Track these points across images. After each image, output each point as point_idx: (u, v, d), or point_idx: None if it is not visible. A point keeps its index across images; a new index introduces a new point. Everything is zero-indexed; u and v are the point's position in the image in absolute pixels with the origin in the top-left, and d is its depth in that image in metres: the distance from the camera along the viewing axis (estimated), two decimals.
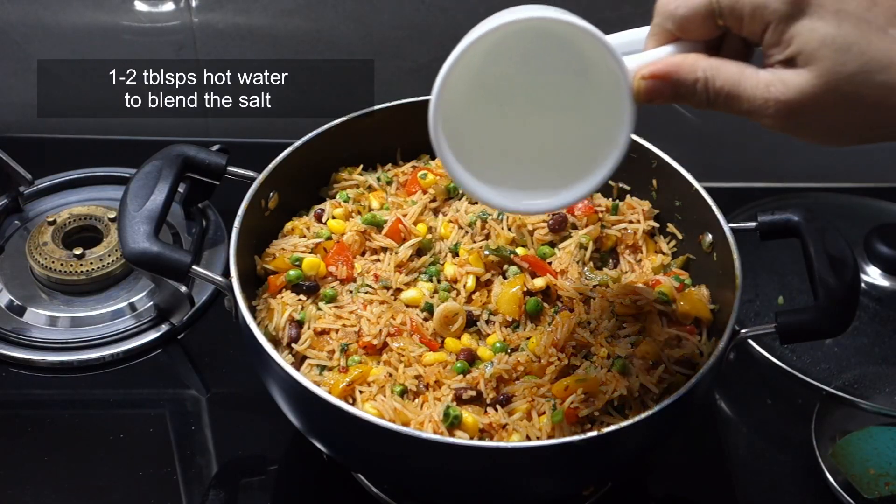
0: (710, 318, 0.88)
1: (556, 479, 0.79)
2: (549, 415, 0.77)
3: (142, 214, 0.82)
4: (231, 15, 1.28)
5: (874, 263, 1.16)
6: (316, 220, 0.95)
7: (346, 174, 1.00)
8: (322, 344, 0.84)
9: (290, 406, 0.81)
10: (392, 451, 0.75)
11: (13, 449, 0.96)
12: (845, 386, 1.03)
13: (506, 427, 0.78)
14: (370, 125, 0.98)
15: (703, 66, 0.61)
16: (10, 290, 1.11)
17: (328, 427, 0.79)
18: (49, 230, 1.13)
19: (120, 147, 1.32)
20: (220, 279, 0.82)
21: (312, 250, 0.91)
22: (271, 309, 0.86)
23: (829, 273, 0.82)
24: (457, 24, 1.29)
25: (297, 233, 0.93)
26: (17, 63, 1.31)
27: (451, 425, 0.76)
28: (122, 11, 1.27)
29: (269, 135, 1.33)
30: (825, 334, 0.83)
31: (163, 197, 0.83)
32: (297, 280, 0.87)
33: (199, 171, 0.90)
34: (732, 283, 0.84)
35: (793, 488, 0.99)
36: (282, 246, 0.91)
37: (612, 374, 0.80)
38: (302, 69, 1.35)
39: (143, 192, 0.83)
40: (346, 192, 0.97)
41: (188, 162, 0.88)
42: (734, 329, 0.80)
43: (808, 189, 1.34)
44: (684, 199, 0.95)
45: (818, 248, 0.84)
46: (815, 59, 0.58)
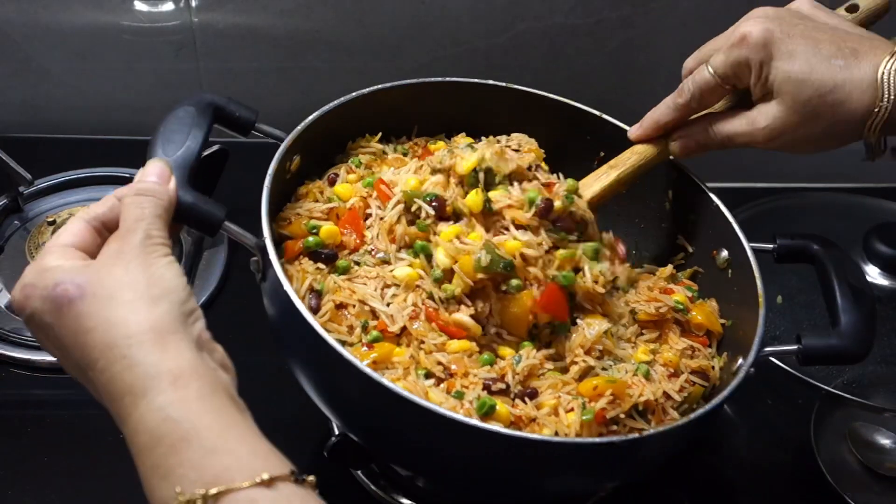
0: (720, 331, 0.89)
1: (584, 476, 0.79)
2: (578, 413, 0.77)
3: (175, 161, 0.74)
4: (231, 15, 1.28)
5: (873, 263, 1.16)
6: (329, 184, 0.92)
7: (363, 142, 0.98)
8: (340, 318, 0.81)
9: (317, 377, 0.79)
10: (424, 431, 0.72)
11: (13, 449, 0.96)
12: (845, 386, 1.03)
13: (535, 421, 0.77)
14: (392, 99, 0.96)
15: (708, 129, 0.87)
16: (10, 290, 1.10)
17: (357, 401, 0.76)
18: (49, 230, 1.13)
19: (120, 147, 1.32)
20: (251, 238, 0.78)
21: (327, 216, 0.88)
22: (289, 275, 0.81)
23: (852, 302, 0.84)
24: (457, 23, 1.30)
25: (311, 197, 0.91)
26: (17, 63, 1.31)
27: (485, 414, 0.75)
28: (122, 11, 1.28)
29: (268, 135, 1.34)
30: (850, 360, 0.85)
31: (197, 144, 0.77)
32: (316, 247, 0.84)
33: (229, 122, 0.86)
34: (750, 302, 0.84)
35: (793, 488, 1.00)
36: (297, 210, 0.88)
37: (637, 378, 0.80)
38: (302, 69, 1.35)
39: (177, 136, 0.77)
40: (359, 158, 0.95)
41: (218, 112, 0.84)
42: (759, 348, 0.81)
43: (807, 189, 1.34)
44: (700, 213, 0.94)
45: (839, 277, 0.86)
46: (781, 92, 0.79)
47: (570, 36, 1.32)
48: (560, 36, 1.32)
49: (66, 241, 0.65)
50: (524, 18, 1.30)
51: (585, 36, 1.33)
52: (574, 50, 1.34)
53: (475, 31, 1.32)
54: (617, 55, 1.34)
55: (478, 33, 1.32)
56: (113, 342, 0.59)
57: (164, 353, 0.59)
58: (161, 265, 0.64)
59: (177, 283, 0.63)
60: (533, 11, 1.29)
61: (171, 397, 0.57)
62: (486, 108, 1.00)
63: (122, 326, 0.59)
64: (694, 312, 0.89)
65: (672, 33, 1.32)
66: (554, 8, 1.29)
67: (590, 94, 1.03)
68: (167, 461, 0.55)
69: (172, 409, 0.56)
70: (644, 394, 0.79)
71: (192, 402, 0.57)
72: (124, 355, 0.58)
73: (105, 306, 0.60)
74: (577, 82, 1.36)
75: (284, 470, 0.56)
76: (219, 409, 0.58)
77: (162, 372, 0.58)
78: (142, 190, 0.69)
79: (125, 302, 0.60)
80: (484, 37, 1.32)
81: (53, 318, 0.61)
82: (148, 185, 0.69)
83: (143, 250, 0.64)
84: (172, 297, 0.62)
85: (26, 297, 0.63)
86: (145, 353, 0.58)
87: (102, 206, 0.68)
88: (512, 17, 1.31)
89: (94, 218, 0.67)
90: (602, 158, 1.01)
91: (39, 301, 0.62)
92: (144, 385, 0.57)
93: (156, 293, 0.61)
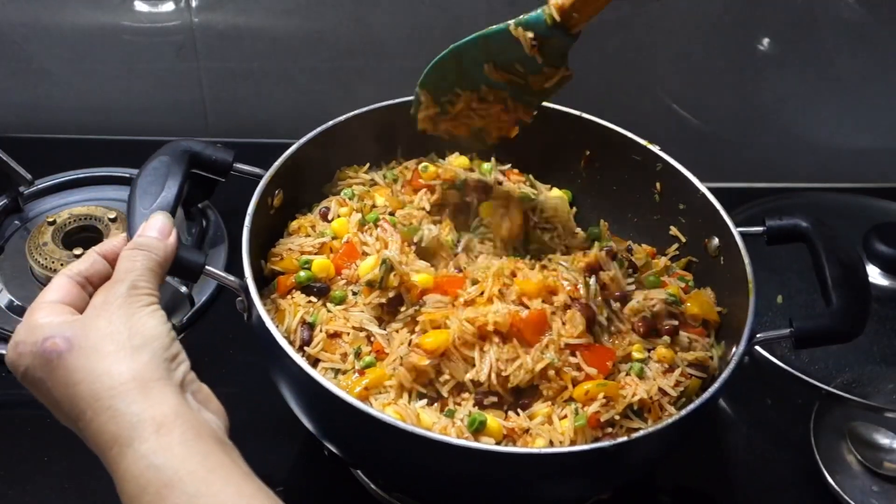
0: (717, 320, 0.89)
1: (580, 483, 0.79)
2: (572, 419, 0.77)
3: (152, 212, 0.78)
4: (231, 15, 1.28)
5: (873, 263, 1.16)
6: (321, 218, 0.94)
7: (351, 172, 0.99)
8: (334, 347, 0.83)
9: (308, 409, 0.80)
10: (416, 455, 0.73)
11: (13, 449, 0.96)
12: (844, 385, 1.03)
13: (528, 431, 0.77)
14: (373, 122, 0.98)
15: None
16: (10, 290, 1.11)
17: (348, 431, 0.78)
18: (49, 230, 1.13)
19: (120, 147, 1.32)
20: (233, 279, 0.81)
21: (319, 250, 0.90)
22: (281, 310, 0.85)
23: (842, 278, 0.83)
24: (457, 23, 1.30)
25: (303, 231, 0.92)
26: (17, 63, 1.32)
27: (476, 430, 0.75)
28: (122, 11, 1.28)
29: (268, 135, 1.34)
30: (842, 339, 0.83)
31: (173, 193, 0.80)
32: (308, 282, 0.86)
33: (206, 167, 0.88)
34: (743, 288, 0.84)
35: (792, 488, 0.99)
36: (288, 246, 0.90)
37: (630, 378, 0.80)
38: (302, 69, 1.35)
39: (153, 188, 0.80)
40: (352, 189, 0.97)
41: (194, 158, 0.86)
42: (750, 334, 0.80)
43: (807, 189, 1.34)
44: (689, 203, 0.95)
45: (829, 254, 0.85)
46: None
47: None
48: None
49: (53, 297, 0.67)
50: None
51: (585, 36, 1.32)
52: (574, 50, 1.34)
53: (475, 31, 1.31)
54: (616, 56, 1.34)
55: None
56: (98, 394, 0.61)
57: (146, 401, 0.60)
58: (144, 314, 0.65)
59: (159, 330, 0.65)
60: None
61: (155, 445, 0.58)
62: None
63: (106, 377, 0.61)
64: (689, 304, 0.88)
65: (672, 33, 1.32)
66: None
67: (589, 95, 1.03)
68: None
69: (155, 457, 0.58)
70: (637, 393, 0.79)
71: (176, 447, 0.58)
72: (108, 406, 0.60)
73: (89, 358, 0.62)
74: (575, 82, 1.36)
75: None
76: (203, 453, 0.59)
77: (145, 420, 0.59)
78: (137, 244, 0.71)
79: (108, 353, 0.62)
80: None
81: (44, 373, 0.63)
82: (144, 240, 0.72)
83: (126, 301, 0.65)
84: (154, 345, 0.63)
85: (19, 354, 0.65)
86: (128, 402, 0.60)
87: (84, 263, 0.71)
88: (512, 18, 1.30)
89: (77, 273, 0.69)
90: (589, 157, 1.03)
91: (30, 357, 0.64)
92: (129, 434, 0.59)
93: (137, 343, 0.63)
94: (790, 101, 1.36)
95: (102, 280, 0.70)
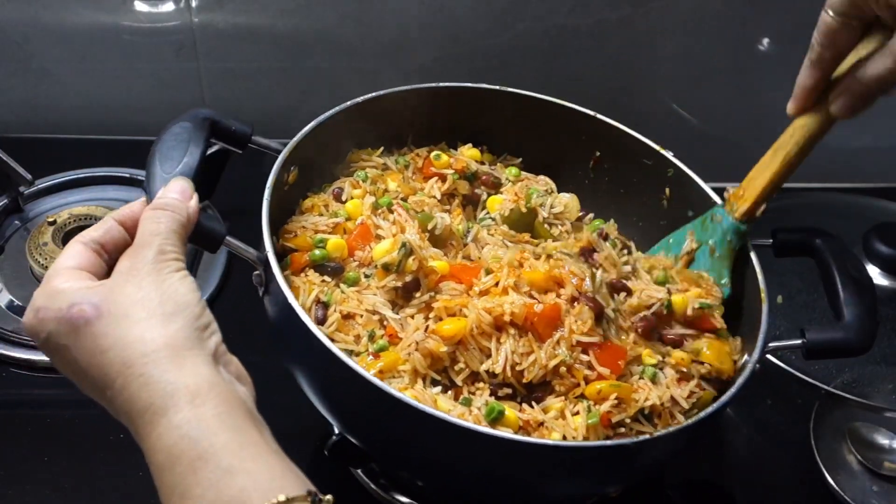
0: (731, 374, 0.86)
1: (592, 479, 0.79)
2: (584, 415, 0.77)
3: (173, 177, 0.73)
4: (231, 15, 1.28)
5: (873, 263, 1.16)
6: (335, 198, 0.93)
7: (364, 154, 0.98)
8: (348, 328, 0.82)
9: (323, 389, 0.79)
10: (434, 440, 0.72)
11: (13, 449, 0.96)
12: (844, 385, 1.03)
13: (543, 425, 0.77)
14: (387, 106, 0.96)
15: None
16: (10, 290, 1.11)
17: (365, 412, 0.76)
18: (49, 230, 1.13)
19: (120, 147, 1.32)
20: (253, 252, 0.79)
21: (333, 230, 0.89)
22: (295, 287, 0.83)
23: (854, 294, 0.84)
24: (457, 23, 1.30)
25: (317, 210, 0.92)
26: (17, 63, 1.32)
27: (494, 420, 0.75)
28: (122, 11, 1.28)
29: (268, 135, 1.33)
30: (853, 353, 0.84)
31: (196, 159, 0.76)
32: (322, 260, 0.85)
33: (225, 137, 0.86)
34: (753, 297, 0.85)
35: (792, 488, 1.00)
36: (302, 224, 0.89)
37: (644, 382, 0.80)
38: (302, 69, 1.35)
39: (174, 153, 0.76)
40: (365, 172, 0.96)
41: (214, 126, 0.84)
42: (763, 344, 0.81)
43: (807, 189, 1.34)
44: (698, 211, 0.94)
45: (841, 269, 0.85)
46: None
47: (570, 36, 1.32)
48: (560, 36, 1.32)
49: (71, 263, 0.65)
50: (524, 18, 1.30)
51: (585, 36, 1.33)
52: (574, 50, 1.34)
53: (475, 31, 1.32)
54: (617, 55, 1.34)
55: (478, 33, 1.32)
56: (129, 361, 0.58)
57: (180, 370, 0.58)
58: (174, 280, 0.63)
59: (190, 297, 0.62)
60: (533, 11, 1.29)
61: (189, 415, 0.56)
62: (481, 111, 1.01)
63: (138, 344, 0.59)
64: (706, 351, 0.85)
65: (672, 34, 1.32)
66: (554, 8, 1.29)
67: (589, 95, 1.03)
68: (185, 480, 0.55)
69: (190, 428, 0.56)
70: (650, 398, 0.79)
71: (210, 419, 0.57)
72: (141, 373, 0.58)
73: (120, 325, 0.60)
74: (577, 82, 1.36)
75: (301, 490, 0.56)
76: (236, 427, 0.57)
77: (180, 389, 0.57)
78: (160, 205, 0.68)
79: (139, 320, 0.60)
80: (484, 37, 1.32)
81: (70, 340, 0.61)
82: (167, 201, 0.69)
83: (156, 266, 0.63)
84: (187, 313, 0.61)
85: (40, 320, 0.62)
86: (162, 370, 0.58)
87: (99, 229, 0.68)
88: (512, 18, 1.30)
89: (91, 240, 0.67)
90: (598, 159, 1.02)
91: (54, 323, 0.61)
92: (163, 403, 0.57)
93: (169, 310, 0.61)
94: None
95: (118, 247, 0.67)
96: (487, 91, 1.00)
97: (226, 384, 0.60)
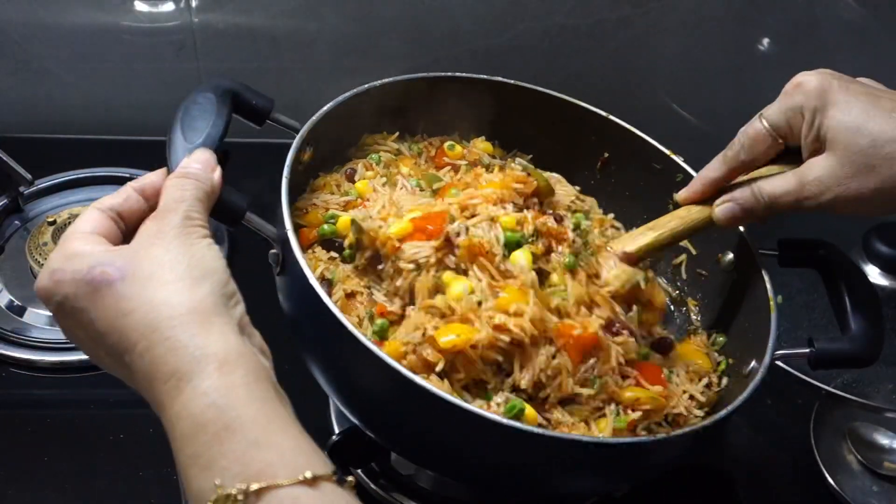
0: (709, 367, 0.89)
1: (608, 476, 0.78)
2: (611, 419, 0.76)
3: (196, 147, 0.71)
4: (231, 15, 1.28)
5: (873, 262, 1.16)
6: (347, 179, 0.92)
7: (380, 138, 0.98)
8: (351, 308, 0.81)
9: (339, 372, 0.76)
10: (452, 430, 0.71)
11: (13, 449, 0.96)
12: (845, 385, 1.03)
13: (563, 425, 0.76)
14: (401, 93, 0.96)
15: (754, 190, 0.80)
16: (10, 290, 1.11)
17: (381, 397, 0.74)
18: (49, 230, 1.13)
19: (120, 147, 1.32)
20: (272, 229, 0.77)
21: (344, 208, 0.88)
22: None
23: (862, 308, 0.84)
24: (457, 23, 1.30)
25: (328, 189, 0.91)
26: (17, 63, 1.32)
27: (514, 417, 0.73)
28: (122, 11, 1.28)
29: (268, 135, 1.33)
30: (860, 364, 0.84)
31: (219, 131, 0.74)
32: (332, 236, 0.84)
33: (246, 111, 0.84)
34: (759, 305, 0.85)
35: (792, 488, 1.00)
36: (313, 201, 0.89)
37: (675, 388, 0.81)
38: (302, 69, 1.35)
39: (198, 123, 0.74)
40: (379, 155, 0.95)
41: (236, 99, 0.82)
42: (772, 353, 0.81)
43: None
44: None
45: (847, 283, 0.85)
46: (834, 143, 0.74)
47: (570, 36, 1.32)
48: (560, 36, 1.32)
49: (87, 228, 0.63)
50: (524, 18, 1.30)
51: (585, 36, 1.33)
52: (574, 50, 1.34)
53: (475, 31, 1.32)
54: (617, 55, 1.34)
55: (478, 33, 1.32)
56: (155, 323, 0.56)
57: (208, 335, 0.56)
58: (202, 246, 0.61)
59: (217, 264, 0.61)
60: (533, 11, 1.29)
61: (217, 383, 0.54)
62: (495, 104, 1.00)
63: (165, 307, 0.57)
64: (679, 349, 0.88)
65: (672, 33, 1.32)
66: (554, 8, 1.29)
67: (589, 95, 1.03)
68: (209, 451, 0.53)
69: (218, 396, 0.54)
70: (678, 407, 0.80)
71: (238, 388, 0.55)
72: (167, 337, 0.56)
73: (145, 287, 0.58)
74: (577, 82, 1.36)
75: (327, 470, 0.54)
76: (263, 399, 0.56)
77: (208, 355, 0.55)
78: (184, 174, 0.67)
79: (166, 282, 0.58)
80: (484, 37, 1.32)
81: (88, 303, 0.58)
82: (191, 170, 0.67)
83: (183, 230, 0.61)
84: (214, 279, 0.60)
85: (56, 282, 0.60)
86: (190, 334, 0.56)
87: (118, 197, 0.66)
88: (512, 17, 1.31)
89: (109, 207, 0.65)
90: (606, 160, 1.01)
91: (72, 285, 0.59)
92: (190, 368, 0.55)
93: (197, 274, 0.59)
94: None
95: (137, 217, 0.65)
96: (502, 84, 0.99)
97: (253, 354, 0.58)
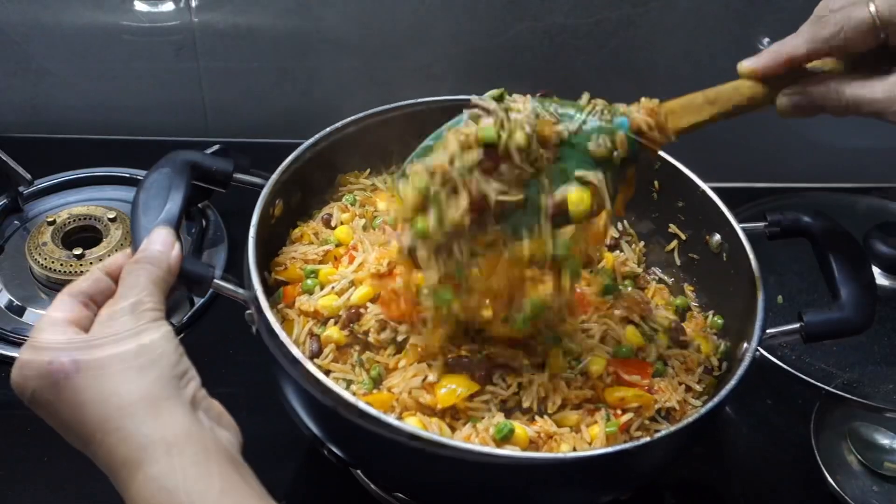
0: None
1: (604, 484, 0.78)
2: (602, 424, 0.76)
3: (156, 226, 0.76)
4: (231, 15, 1.28)
5: (873, 262, 1.16)
6: (324, 225, 0.93)
7: (352, 178, 0.99)
8: (345, 357, 0.82)
9: (323, 424, 0.78)
10: (440, 466, 0.71)
11: (13, 449, 0.96)
12: (845, 385, 1.03)
13: (553, 437, 0.76)
14: (372, 127, 0.96)
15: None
16: (10, 290, 1.11)
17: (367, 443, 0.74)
18: (49, 230, 1.13)
19: (120, 147, 1.32)
20: (243, 292, 0.79)
21: (323, 258, 0.89)
22: (289, 320, 0.84)
23: (849, 271, 0.82)
24: (457, 23, 1.30)
25: (306, 239, 0.92)
26: (17, 63, 1.32)
27: (503, 439, 0.74)
28: (122, 11, 1.28)
29: (268, 134, 1.34)
30: (852, 331, 0.83)
31: (177, 207, 0.79)
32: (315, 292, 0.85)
33: (206, 178, 0.87)
34: (746, 284, 0.84)
35: (792, 488, 0.99)
36: (291, 255, 0.89)
37: (663, 383, 0.80)
38: (302, 69, 1.35)
39: (155, 202, 0.79)
40: (353, 195, 0.96)
41: (195, 168, 0.85)
42: (761, 330, 0.80)
43: (808, 189, 1.34)
44: (688, 200, 0.95)
45: (833, 247, 0.84)
46: None
47: (570, 36, 1.32)
48: (560, 36, 1.32)
49: (57, 315, 0.66)
50: (524, 18, 1.30)
51: (585, 36, 1.33)
52: (574, 50, 1.34)
53: (475, 31, 1.32)
54: (617, 55, 1.34)
55: (478, 33, 1.32)
56: (107, 415, 0.60)
57: (157, 420, 0.59)
58: (150, 330, 0.64)
59: (166, 347, 0.64)
60: (533, 11, 1.29)
61: (165, 467, 0.57)
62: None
63: (115, 398, 0.60)
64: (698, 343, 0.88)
65: (672, 33, 1.32)
66: (554, 8, 1.29)
67: (589, 94, 1.03)
68: None
69: (166, 480, 0.57)
70: (670, 401, 0.79)
71: (188, 468, 0.58)
72: (117, 427, 0.59)
73: (97, 378, 0.61)
74: (577, 82, 1.36)
75: None
76: (215, 474, 0.58)
77: (155, 441, 0.58)
78: (140, 258, 0.70)
79: (115, 373, 0.61)
80: (484, 37, 1.32)
81: (52, 396, 0.62)
82: (146, 254, 0.71)
83: (133, 317, 0.65)
84: (162, 363, 0.62)
85: (24, 377, 0.63)
86: (138, 423, 0.59)
87: (87, 281, 0.69)
88: (512, 17, 1.30)
89: (79, 292, 0.68)
90: None
91: (37, 380, 0.62)
92: (139, 456, 0.58)
93: (144, 361, 0.62)
94: None
95: (106, 298, 0.69)
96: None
97: (204, 431, 0.61)
